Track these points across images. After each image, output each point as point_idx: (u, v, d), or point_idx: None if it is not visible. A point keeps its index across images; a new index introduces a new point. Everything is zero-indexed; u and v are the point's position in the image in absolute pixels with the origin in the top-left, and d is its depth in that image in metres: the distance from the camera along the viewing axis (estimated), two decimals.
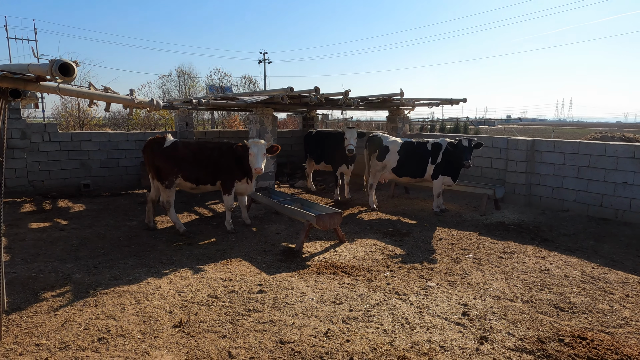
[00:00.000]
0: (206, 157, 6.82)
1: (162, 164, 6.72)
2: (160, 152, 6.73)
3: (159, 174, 6.76)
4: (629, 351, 3.39)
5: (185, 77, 33.44)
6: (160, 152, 6.73)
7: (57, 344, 3.51)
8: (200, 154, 6.84)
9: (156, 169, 6.78)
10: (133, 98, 4.28)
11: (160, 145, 6.78)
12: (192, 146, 6.96)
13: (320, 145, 10.23)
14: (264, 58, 43.86)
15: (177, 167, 6.69)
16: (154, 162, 6.76)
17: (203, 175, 6.85)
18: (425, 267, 5.38)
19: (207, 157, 6.82)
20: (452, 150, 7.79)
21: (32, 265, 5.33)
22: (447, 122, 48.01)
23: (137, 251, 5.96)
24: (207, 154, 6.85)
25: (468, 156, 7.61)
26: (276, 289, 4.66)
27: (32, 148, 10.23)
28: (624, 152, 7.57)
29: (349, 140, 8.85)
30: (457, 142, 7.78)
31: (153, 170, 6.82)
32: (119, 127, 23.98)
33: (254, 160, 6.52)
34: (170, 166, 6.68)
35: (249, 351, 3.43)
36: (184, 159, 6.74)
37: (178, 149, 6.78)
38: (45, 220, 7.61)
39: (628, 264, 5.54)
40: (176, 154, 6.73)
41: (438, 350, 3.45)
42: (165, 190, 6.74)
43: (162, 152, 6.73)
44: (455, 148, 7.73)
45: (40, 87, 3.41)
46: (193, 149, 6.88)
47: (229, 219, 6.99)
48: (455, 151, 7.72)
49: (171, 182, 6.71)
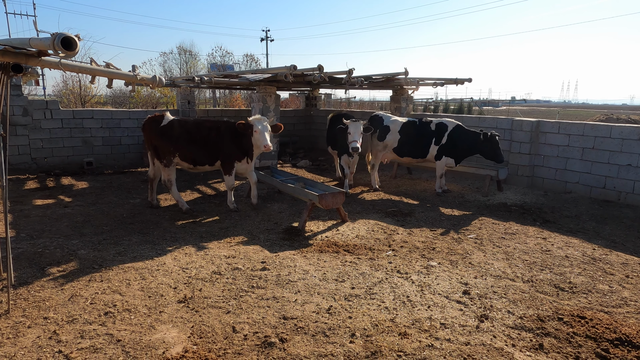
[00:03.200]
0: (203, 137, 6.62)
1: (159, 143, 6.66)
2: (158, 131, 6.63)
3: (157, 153, 6.74)
4: (627, 330, 3.44)
5: (186, 55, 33.13)
6: (157, 130, 6.64)
7: (65, 317, 3.58)
8: (197, 133, 6.63)
9: (154, 148, 6.75)
10: (135, 74, 4.24)
11: (158, 124, 6.67)
12: (189, 125, 6.73)
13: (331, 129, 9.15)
14: (266, 36, 43.26)
15: (173, 146, 6.58)
16: (152, 141, 6.72)
17: (200, 155, 6.67)
18: (427, 246, 5.42)
19: (204, 137, 6.62)
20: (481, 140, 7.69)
21: (38, 241, 5.39)
22: (450, 102, 47.57)
23: (141, 228, 6.01)
24: (204, 134, 6.63)
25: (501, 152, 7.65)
26: (279, 266, 4.71)
27: (34, 125, 10.21)
28: (629, 134, 7.51)
29: (353, 136, 7.63)
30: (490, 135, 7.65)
31: (152, 148, 6.79)
32: (121, 105, 23.86)
33: (261, 137, 6.34)
34: (167, 145, 6.60)
35: (252, 326, 3.49)
36: (180, 138, 6.57)
37: (174, 128, 6.62)
38: (49, 197, 7.65)
39: (629, 245, 5.57)
40: (172, 133, 6.59)
41: (439, 327, 3.50)
42: (165, 169, 6.73)
43: (159, 130, 6.63)
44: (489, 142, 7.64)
45: (42, 62, 3.37)
46: (189, 128, 6.66)
47: (230, 197, 6.93)
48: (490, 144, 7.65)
49: (169, 161, 6.66)
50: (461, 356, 3.11)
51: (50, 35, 2.71)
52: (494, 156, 7.66)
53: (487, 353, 3.16)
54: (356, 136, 7.57)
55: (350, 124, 7.66)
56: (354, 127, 7.63)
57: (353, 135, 7.59)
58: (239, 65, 33.44)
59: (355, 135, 7.57)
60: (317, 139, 14.97)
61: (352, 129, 7.62)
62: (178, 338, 3.32)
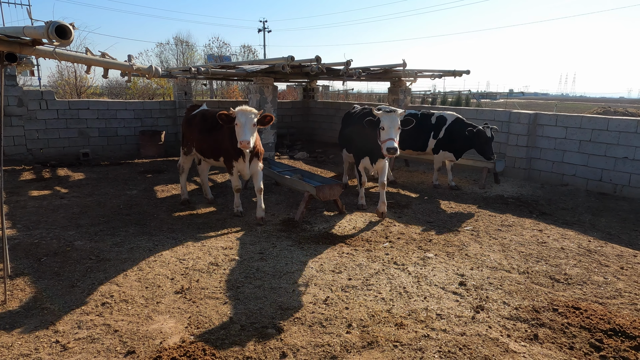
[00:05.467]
0: (208, 129, 6.19)
1: (183, 130, 6.83)
2: (185, 120, 6.83)
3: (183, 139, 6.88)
4: (620, 321, 3.47)
5: (183, 46, 32.81)
6: (185, 119, 6.84)
7: (62, 308, 3.58)
8: (203, 126, 6.29)
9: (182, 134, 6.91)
10: (131, 64, 4.20)
11: (189, 112, 6.86)
12: (199, 117, 6.43)
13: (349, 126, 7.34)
14: (263, 27, 42.91)
15: (191, 136, 6.52)
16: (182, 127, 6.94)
17: (205, 148, 6.28)
18: (424, 238, 5.44)
19: (208, 129, 6.18)
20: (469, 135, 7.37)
21: (34, 232, 5.37)
22: (448, 95, 47.47)
23: (138, 219, 6.00)
24: (208, 126, 6.18)
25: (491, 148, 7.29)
26: (276, 257, 4.72)
27: (30, 116, 10.13)
28: (626, 127, 7.52)
29: (388, 133, 5.63)
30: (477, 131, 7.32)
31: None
32: (117, 96, 23.66)
33: (239, 131, 5.28)
34: (187, 134, 6.69)
35: (249, 317, 3.50)
36: (194, 129, 6.42)
37: (195, 119, 6.46)
38: (46, 189, 7.62)
39: (624, 237, 5.61)
40: (191, 124, 6.53)
41: (435, 318, 3.52)
42: (183, 155, 6.86)
43: (185, 119, 6.80)
44: (476, 137, 7.32)
45: (36, 51, 3.34)
46: (198, 120, 6.39)
47: (236, 200, 6.26)
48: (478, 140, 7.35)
49: (189, 150, 6.71)
50: (457, 346, 3.14)
51: (44, 24, 2.68)
52: (482, 152, 7.44)
53: (483, 343, 3.18)
54: (392, 132, 5.62)
55: (384, 116, 5.70)
56: (390, 120, 5.65)
57: (388, 132, 5.62)
58: (236, 56, 33.18)
59: (392, 132, 5.63)
60: (314, 131, 14.94)
61: (386, 122, 5.65)
62: (175, 328, 3.33)
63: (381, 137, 5.73)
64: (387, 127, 5.65)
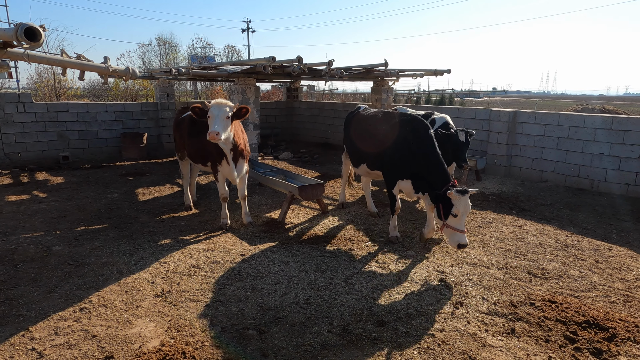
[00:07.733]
0: (195, 132, 5.77)
1: (174, 134, 6.61)
2: (174, 123, 6.58)
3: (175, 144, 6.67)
4: (594, 313, 3.56)
5: (166, 47, 32.45)
6: (174, 122, 6.59)
7: (38, 314, 3.52)
8: (191, 129, 5.90)
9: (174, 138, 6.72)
10: (108, 66, 4.16)
11: (179, 115, 6.53)
12: (187, 120, 6.04)
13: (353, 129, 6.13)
14: (247, 27, 42.68)
15: (181, 140, 6.24)
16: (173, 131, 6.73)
17: (193, 152, 5.97)
18: (406, 236, 5.49)
19: (196, 132, 5.76)
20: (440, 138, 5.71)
21: (11, 238, 5.26)
22: (432, 94, 47.93)
23: (119, 223, 5.92)
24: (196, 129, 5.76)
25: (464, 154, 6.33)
26: (258, 258, 4.71)
27: (7, 119, 9.90)
28: (602, 124, 7.70)
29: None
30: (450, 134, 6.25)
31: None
32: (99, 97, 23.28)
33: (210, 123, 4.91)
34: (177, 139, 6.49)
35: (230, 319, 3.49)
36: (183, 133, 6.13)
37: (184, 122, 6.10)
38: (23, 193, 7.46)
39: (600, 232, 5.74)
40: (180, 127, 6.27)
41: (415, 315, 3.56)
42: (179, 160, 6.67)
43: (175, 123, 6.55)
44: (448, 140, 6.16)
45: (7, 54, 3.28)
46: (186, 124, 6.01)
47: (222, 211, 5.77)
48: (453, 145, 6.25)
49: (182, 154, 6.42)
50: (435, 342, 3.18)
51: (13, 26, 2.63)
52: (454, 157, 6.36)
53: (461, 339, 3.23)
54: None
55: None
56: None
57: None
58: (220, 56, 32.94)
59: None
60: (298, 131, 14.93)
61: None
62: (155, 332, 3.31)
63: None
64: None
